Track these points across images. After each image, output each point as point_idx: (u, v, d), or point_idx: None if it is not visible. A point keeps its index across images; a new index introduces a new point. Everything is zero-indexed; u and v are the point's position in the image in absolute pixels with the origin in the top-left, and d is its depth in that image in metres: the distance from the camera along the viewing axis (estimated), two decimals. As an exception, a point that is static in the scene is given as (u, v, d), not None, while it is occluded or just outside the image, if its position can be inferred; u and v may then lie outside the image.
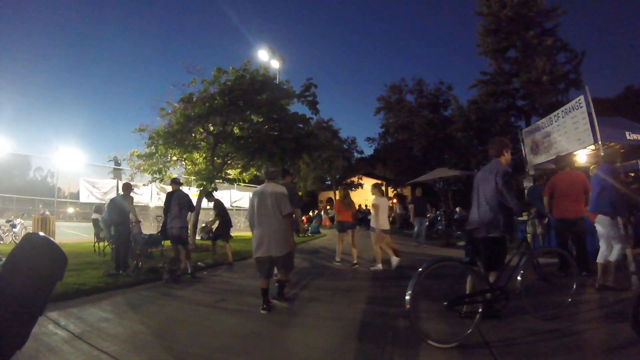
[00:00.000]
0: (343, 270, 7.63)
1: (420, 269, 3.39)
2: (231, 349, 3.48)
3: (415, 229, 12.73)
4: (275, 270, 5.16)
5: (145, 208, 15.97)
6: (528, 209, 7.82)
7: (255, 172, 13.24)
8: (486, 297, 3.64)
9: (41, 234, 1.06)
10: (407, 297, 3.29)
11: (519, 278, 3.89)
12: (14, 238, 11.43)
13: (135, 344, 3.57)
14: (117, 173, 17.16)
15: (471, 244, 3.90)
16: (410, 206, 13.10)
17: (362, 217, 25.75)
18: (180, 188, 7.82)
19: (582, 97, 9.47)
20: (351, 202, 8.49)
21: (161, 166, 11.86)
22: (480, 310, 3.53)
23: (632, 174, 12.31)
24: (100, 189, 14.23)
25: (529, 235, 9.21)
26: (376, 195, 8.11)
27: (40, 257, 1.01)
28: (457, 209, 20.57)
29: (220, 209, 9.02)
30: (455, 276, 4.52)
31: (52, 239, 1.05)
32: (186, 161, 12.52)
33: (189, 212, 7.70)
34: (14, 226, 11.66)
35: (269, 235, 4.78)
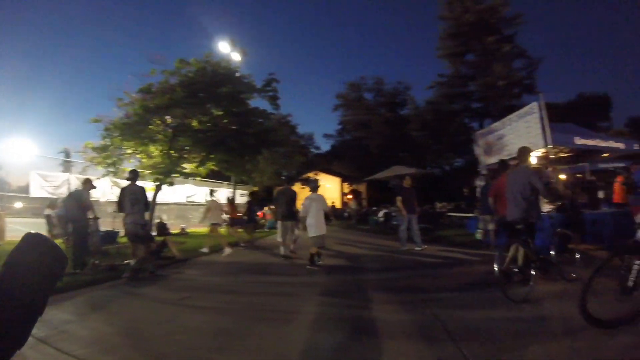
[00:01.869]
0: (302, 266, 7.70)
1: (497, 251, 5.01)
2: (204, 346, 3.46)
3: (407, 228, 10.06)
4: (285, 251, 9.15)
5: (97, 203, 15.21)
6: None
7: (212, 167, 12.92)
8: (537, 265, 4.88)
9: (40, 233, 1.07)
10: (496, 270, 4.66)
11: (552, 252, 5.51)
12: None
13: (104, 346, 3.50)
14: (67, 166, 16.23)
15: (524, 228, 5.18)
16: (398, 199, 10.11)
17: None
18: (136, 182, 7.33)
19: (535, 104, 10.03)
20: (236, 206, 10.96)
21: (115, 159, 11.33)
22: (533, 273, 4.69)
23: (580, 175, 13.26)
24: (51, 183, 13.37)
25: (480, 231, 9.63)
26: (212, 199, 11.69)
27: (40, 257, 1.01)
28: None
29: None
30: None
31: (51, 239, 1.07)
32: (141, 154, 12.04)
33: (146, 208, 7.28)
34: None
35: (319, 223, 7.78)
